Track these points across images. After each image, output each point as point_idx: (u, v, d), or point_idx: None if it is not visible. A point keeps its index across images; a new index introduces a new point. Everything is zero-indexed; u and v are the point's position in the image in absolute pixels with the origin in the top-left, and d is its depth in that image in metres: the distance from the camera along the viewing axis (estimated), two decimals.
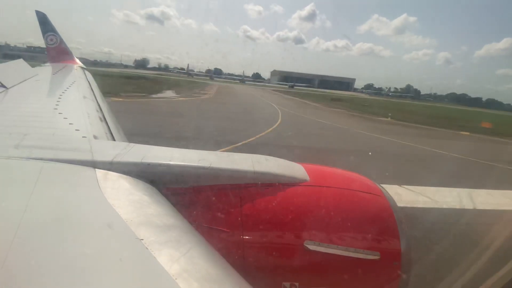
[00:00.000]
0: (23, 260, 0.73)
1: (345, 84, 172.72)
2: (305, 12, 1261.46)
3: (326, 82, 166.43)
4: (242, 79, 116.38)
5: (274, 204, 1.38)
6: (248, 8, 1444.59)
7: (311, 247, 1.30)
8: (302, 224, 1.36)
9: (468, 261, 3.84)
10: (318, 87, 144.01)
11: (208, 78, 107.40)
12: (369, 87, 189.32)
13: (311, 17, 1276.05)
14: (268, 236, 1.35)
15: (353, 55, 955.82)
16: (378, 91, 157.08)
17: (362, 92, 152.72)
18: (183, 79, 79.96)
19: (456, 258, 4.41)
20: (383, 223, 1.43)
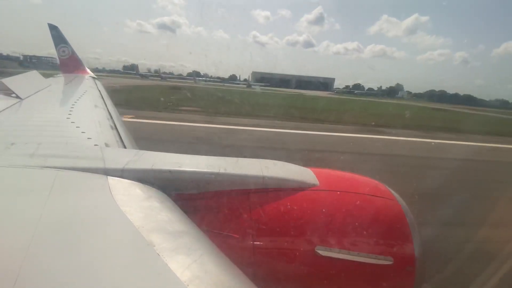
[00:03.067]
0: (38, 265, 0.75)
1: (324, 84, 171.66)
2: (312, 15, 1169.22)
3: (303, 82, 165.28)
4: (194, 79, 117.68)
5: (284, 209, 1.38)
6: (255, 13, 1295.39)
7: (323, 252, 1.29)
8: (313, 230, 1.35)
9: None
10: (295, 88, 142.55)
11: (159, 79, 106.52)
12: (349, 87, 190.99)
13: (319, 20, 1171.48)
14: (278, 241, 1.34)
15: (365, 57, 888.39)
16: (350, 91, 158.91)
17: (333, 91, 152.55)
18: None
19: None
20: (395, 227, 1.40)
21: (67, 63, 9.22)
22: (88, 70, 9.61)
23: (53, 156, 1.41)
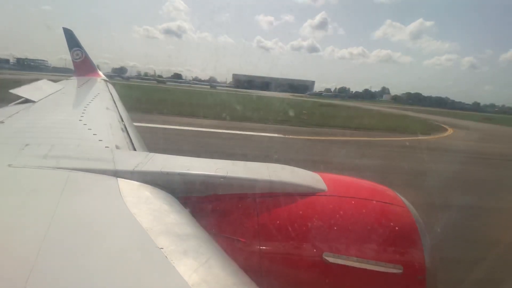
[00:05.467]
0: (49, 264, 0.76)
1: (304, 86, 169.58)
2: (316, 21, 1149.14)
3: (282, 84, 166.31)
4: (157, 79, 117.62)
5: (291, 214, 1.36)
6: (259, 19, 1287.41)
7: (330, 259, 1.27)
8: (320, 236, 1.32)
9: None
10: (274, 90, 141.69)
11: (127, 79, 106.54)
12: (329, 90, 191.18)
13: (322, 25, 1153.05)
14: (285, 247, 1.32)
15: (370, 62, 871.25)
16: (320, 93, 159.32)
17: (305, 93, 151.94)
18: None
19: None
20: (405, 234, 1.37)
21: (80, 66, 9.47)
22: (100, 73, 9.91)
23: (66, 157, 1.44)
